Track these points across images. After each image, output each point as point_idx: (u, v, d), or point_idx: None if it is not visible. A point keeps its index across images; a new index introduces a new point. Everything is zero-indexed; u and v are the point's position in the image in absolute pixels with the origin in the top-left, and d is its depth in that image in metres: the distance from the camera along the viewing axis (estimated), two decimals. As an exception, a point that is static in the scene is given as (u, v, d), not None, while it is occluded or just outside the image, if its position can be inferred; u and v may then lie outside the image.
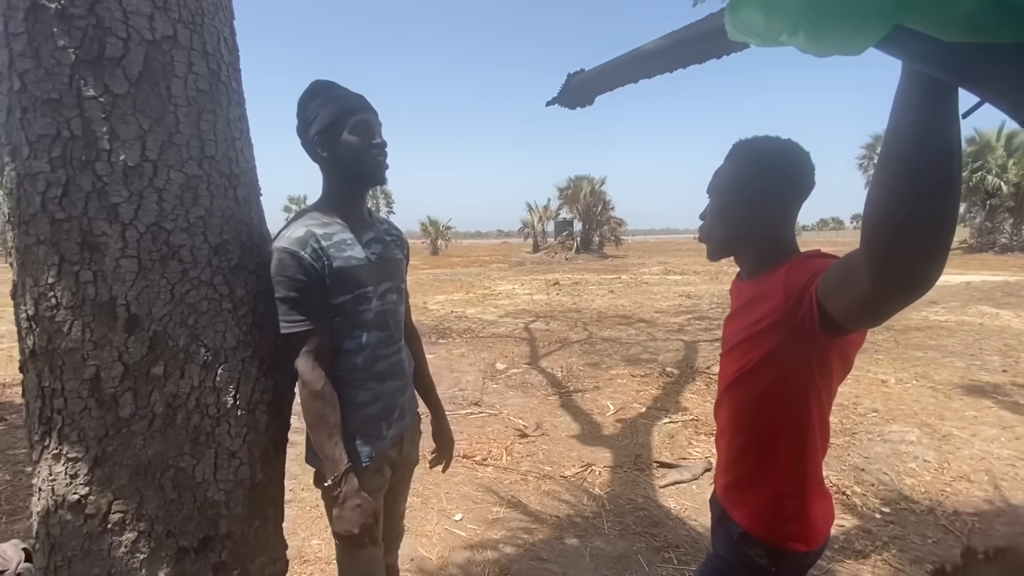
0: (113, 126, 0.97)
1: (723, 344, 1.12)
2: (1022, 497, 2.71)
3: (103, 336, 0.98)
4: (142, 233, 1.00)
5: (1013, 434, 3.48)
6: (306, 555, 2.30)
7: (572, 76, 1.66)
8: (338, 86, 1.23)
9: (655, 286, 13.04)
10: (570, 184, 29.54)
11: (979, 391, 4.32)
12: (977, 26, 0.35)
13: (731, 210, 1.02)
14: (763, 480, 1.00)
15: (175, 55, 1.03)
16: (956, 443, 3.36)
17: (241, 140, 1.22)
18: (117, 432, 0.99)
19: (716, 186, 1.06)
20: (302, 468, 1.30)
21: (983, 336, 6.34)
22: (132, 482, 1.00)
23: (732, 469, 1.07)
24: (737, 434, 1.05)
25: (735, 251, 1.07)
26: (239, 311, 1.14)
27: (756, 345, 0.95)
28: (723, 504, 1.09)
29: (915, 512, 2.59)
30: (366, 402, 1.24)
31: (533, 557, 2.27)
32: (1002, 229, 23.39)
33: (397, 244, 1.38)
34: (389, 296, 1.29)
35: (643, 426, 3.78)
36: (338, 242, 1.19)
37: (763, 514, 1.00)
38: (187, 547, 1.06)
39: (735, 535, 1.03)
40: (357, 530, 1.12)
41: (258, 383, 1.17)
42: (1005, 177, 22.46)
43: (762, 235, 1.01)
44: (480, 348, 6.30)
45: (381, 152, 1.22)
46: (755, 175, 0.99)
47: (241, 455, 1.13)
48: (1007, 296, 9.53)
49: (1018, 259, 18.69)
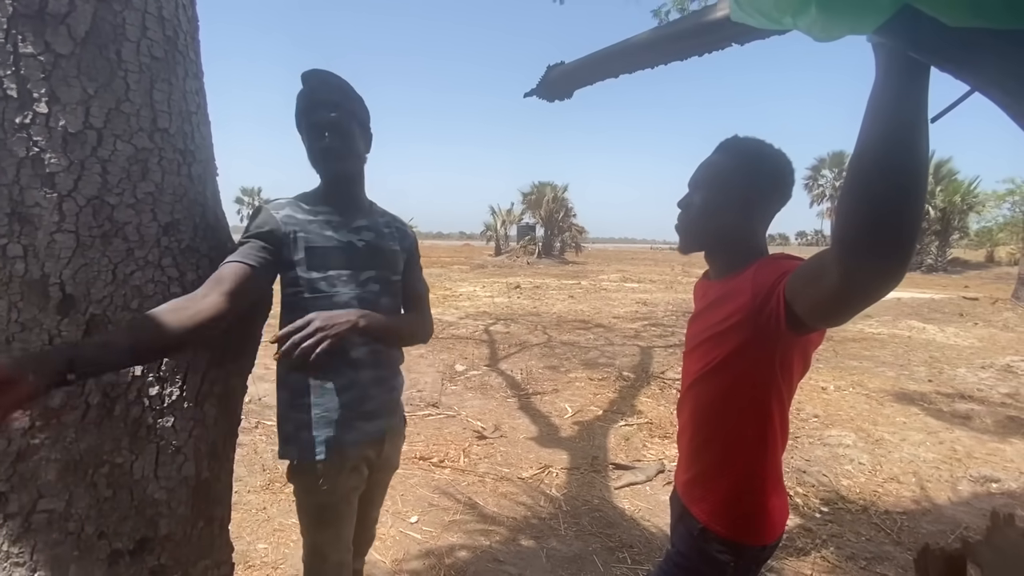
0: (53, 88, 0.89)
1: (687, 343, 1.13)
2: (946, 497, 2.92)
3: (32, 317, 0.89)
4: (82, 207, 0.92)
5: (937, 439, 3.74)
6: (251, 560, 2.18)
7: (552, 68, 1.64)
8: (310, 79, 1.19)
9: (613, 293, 13.30)
10: (534, 189, 29.78)
11: (908, 399, 4.63)
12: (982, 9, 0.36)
13: (722, 207, 1.00)
14: (723, 476, 1.02)
15: (127, 16, 0.96)
16: (887, 447, 3.58)
17: (198, 115, 1.15)
18: (45, 423, 0.90)
19: (707, 179, 1.03)
20: (248, 469, 1.23)
21: (911, 348, 6.82)
22: (61, 478, 0.91)
23: (693, 465, 1.08)
24: (699, 431, 1.06)
25: (712, 248, 1.06)
26: (189, 296, 1.07)
27: (721, 343, 0.96)
28: (683, 500, 1.10)
29: (851, 511, 2.73)
30: (337, 389, 1.19)
31: (490, 559, 2.25)
32: (928, 251, 25.32)
33: (395, 237, 1.35)
34: (371, 285, 1.25)
35: (600, 429, 3.83)
36: (325, 221, 1.20)
37: (723, 510, 1.01)
38: (121, 549, 0.97)
39: (695, 531, 1.04)
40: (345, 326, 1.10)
41: (207, 374, 1.10)
42: (933, 203, 24.33)
43: (742, 235, 1.01)
44: (439, 349, 6.22)
45: (326, 155, 1.19)
46: (752, 176, 0.99)
47: (186, 450, 1.05)
48: (933, 312, 10.29)
49: (942, 279, 20.27)
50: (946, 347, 6.95)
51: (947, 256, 25.34)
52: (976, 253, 28.60)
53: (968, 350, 6.78)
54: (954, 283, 18.18)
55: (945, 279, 20.29)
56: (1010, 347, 7.01)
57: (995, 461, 3.38)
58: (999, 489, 3.01)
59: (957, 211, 24.57)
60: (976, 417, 4.19)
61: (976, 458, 3.42)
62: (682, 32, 1.27)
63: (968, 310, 10.66)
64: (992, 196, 25.82)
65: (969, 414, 4.26)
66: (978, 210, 25.07)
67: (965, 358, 6.27)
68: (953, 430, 3.92)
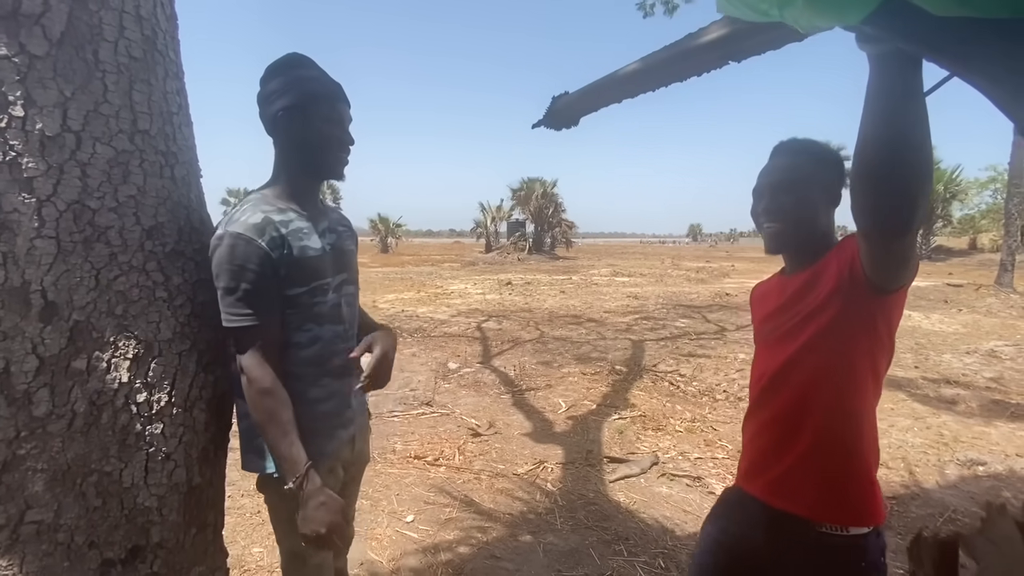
0: (29, 90, 0.87)
1: (766, 337, 1.12)
2: (934, 481, 2.97)
3: (14, 326, 0.87)
4: (62, 211, 0.90)
5: (924, 424, 3.80)
6: (247, 564, 2.16)
7: (557, 99, 1.69)
8: (317, 66, 1.14)
9: (604, 287, 13.33)
10: (523, 185, 29.76)
11: (895, 385, 4.70)
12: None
13: (817, 207, 1.06)
14: (824, 456, 0.97)
15: (104, 16, 0.94)
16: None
17: (179, 116, 1.13)
18: (31, 433, 0.88)
19: (792, 183, 1.06)
20: (241, 473, 1.21)
21: (898, 335, 6.88)
22: (48, 489, 0.90)
23: (783, 459, 1.02)
24: (788, 420, 1.02)
25: (802, 241, 1.08)
26: (175, 301, 1.05)
27: (813, 321, 0.99)
28: (772, 503, 1.03)
29: (843, 497, 2.77)
30: (318, 399, 1.16)
31: (487, 556, 2.25)
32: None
33: (349, 235, 1.31)
34: (346, 288, 1.23)
35: (593, 423, 3.85)
36: (295, 230, 1.10)
37: (833, 497, 0.96)
38: (113, 558, 0.96)
39: (807, 533, 0.97)
40: (324, 530, 1.04)
41: (196, 379, 1.08)
42: (916, 192, 24.62)
43: (827, 228, 1.08)
44: (432, 347, 6.20)
45: (346, 149, 1.17)
46: (832, 173, 1.07)
47: (176, 457, 1.04)
48: (918, 300, 10.44)
49: (927, 267, 20.56)
50: (932, 333, 7.06)
51: (931, 244, 25.73)
52: (959, 241, 29.10)
53: (953, 336, 6.90)
54: (938, 271, 18.47)
55: (930, 267, 20.59)
56: (994, 332, 7.14)
57: (981, 444, 3.45)
58: (985, 472, 3.07)
59: (940, 199, 24.93)
60: (962, 402, 4.27)
61: (962, 442, 3.49)
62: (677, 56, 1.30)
63: (952, 297, 10.83)
64: (974, 184, 26.27)
65: (955, 399, 4.34)
66: (961, 198, 25.49)
67: (950, 344, 6.38)
68: (940, 415, 3.99)
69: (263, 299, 1.06)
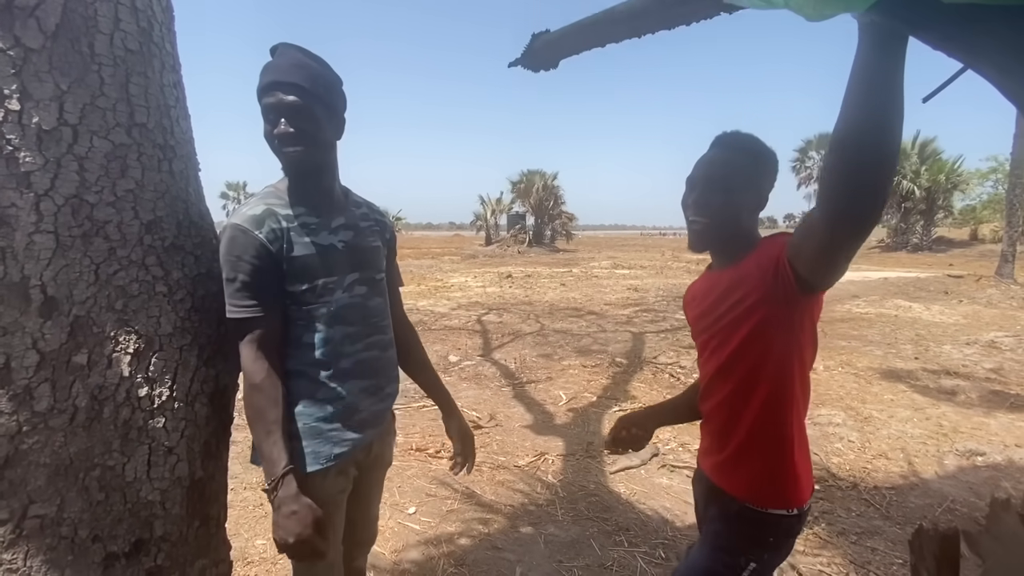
0: (24, 84, 0.86)
1: (703, 333, 1.14)
2: (933, 472, 2.98)
3: (14, 321, 0.87)
4: (60, 206, 0.90)
5: (924, 415, 3.82)
6: (250, 556, 2.18)
7: (536, 36, 1.58)
8: (284, 53, 1.08)
9: (604, 280, 13.33)
10: (523, 178, 29.65)
11: (895, 376, 4.71)
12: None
13: (744, 204, 1.05)
14: (756, 448, 1.05)
15: (99, 8, 0.93)
16: (876, 424, 3.65)
17: (177, 109, 1.12)
18: (33, 428, 0.88)
19: (725, 178, 1.04)
20: (244, 467, 1.22)
21: (898, 327, 6.93)
22: (51, 483, 0.90)
23: (725, 446, 1.10)
24: (729, 410, 1.08)
25: (726, 240, 1.08)
26: (175, 295, 1.05)
27: (743, 321, 1.00)
28: (715, 481, 1.13)
29: (841, 488, 2.79)
30: (323, 400, 1.13)
31: (488, 547, 2.27)
32: (914, 230, 25.63)
33: (375, 230, 1.26)
34: (358, 288, 1.18)
35: (594, 415, 3.86)
36: (301, 225, 1.09)
37: (760, 482, 1.05)
38: (117, 552, 0.96)
39: (733, 509, 1.07)
40: (292, 539, 0.99)
41: (198, 373, 1.08)
42: (918, 182, 24.59)
43: (751, 225, 1.08)
44: (432, 340, 6.21)
45: (287, 142, 1.06)
46: (765, 172, 1.07)
47: (179, 451, 1.04)
48: (918, 291, 10.45)
49: (928, 257, 20.58)
50: (932, 325, 7.07)
51: (932, 235, 25.67)
52: (960, 231, 29.02)
53: (953, 327, 6.91)
54: (939, 262, 18.46)
55: (930, 258, 20.59)
56: (994, 323, 7.15)
57: (980, 435, 3.46)
58: (984, 462, 3.09)
59: (942, 190, 24.85)
60: (961, 392, 4.28)
61: (962, 432, 3.50)
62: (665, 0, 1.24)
63: (953, 288, 10.84)
64: (976, 174, 26.14)
65: (955, 390, 4.35)
66: (962, 188, 25.39)
67: (950, 335, 6.39)
68: (939, 406, 4.00)
69: (261, 291, 1.05)
